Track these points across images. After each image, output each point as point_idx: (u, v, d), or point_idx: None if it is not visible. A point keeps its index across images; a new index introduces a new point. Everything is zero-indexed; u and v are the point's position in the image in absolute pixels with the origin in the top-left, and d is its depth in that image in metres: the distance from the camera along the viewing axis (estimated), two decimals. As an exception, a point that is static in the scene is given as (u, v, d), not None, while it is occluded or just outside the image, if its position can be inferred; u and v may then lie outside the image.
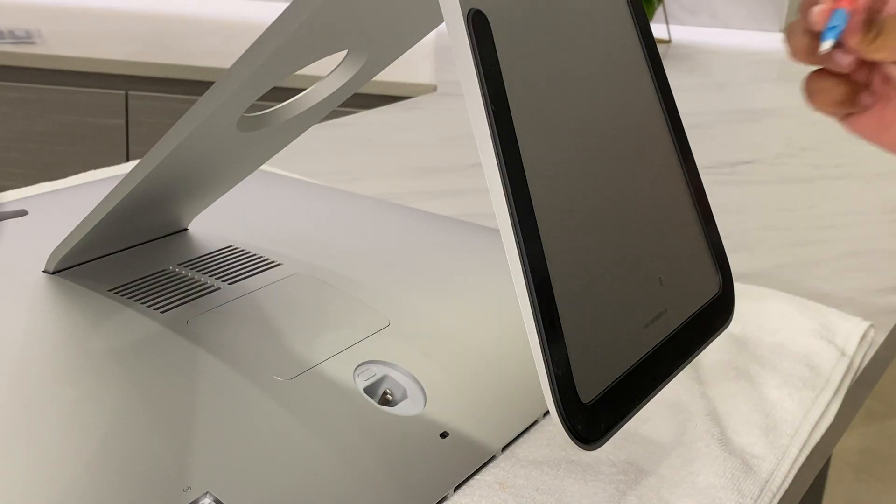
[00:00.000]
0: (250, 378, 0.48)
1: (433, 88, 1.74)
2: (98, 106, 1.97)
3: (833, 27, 0.50)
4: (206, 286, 0.57)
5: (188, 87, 1.93)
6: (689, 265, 0.50)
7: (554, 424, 0.45)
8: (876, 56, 0.51)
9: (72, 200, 0.70)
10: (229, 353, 0.50)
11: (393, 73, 1.28)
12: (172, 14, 2.44)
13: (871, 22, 0.50)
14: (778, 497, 0.50)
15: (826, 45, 0.50)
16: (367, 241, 0.69)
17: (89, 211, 0.53)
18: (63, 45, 2.04)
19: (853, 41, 0.50)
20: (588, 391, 0.39)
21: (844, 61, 0.53)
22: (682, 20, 2.56)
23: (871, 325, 0.67)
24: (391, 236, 0.71)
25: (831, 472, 1.38)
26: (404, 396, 0.50)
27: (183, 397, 0.46)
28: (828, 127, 0.65)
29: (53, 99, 1.96)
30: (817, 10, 0.51)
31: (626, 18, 0.48)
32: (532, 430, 0.52)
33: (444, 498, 0.46)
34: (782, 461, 0.52)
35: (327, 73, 0.52)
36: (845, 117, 0.56)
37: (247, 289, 0.57)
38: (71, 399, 0.45)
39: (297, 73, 0.48)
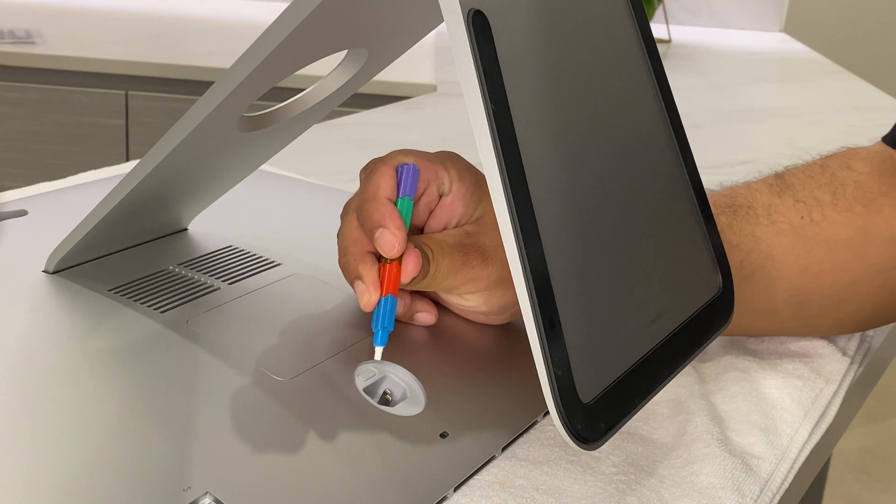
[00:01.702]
0: (250, 378, 0.48)
1: (433, 88, 1.74)
2: (98, 106, 1.97)
3: (384, 327, 0.48)
4: (206, 286, 0.57)
5: (188, 87, 1.93)
6: (689, 265, 0.50)
7: (554, 424, 0.45)
8: (430, 289, 0.53)
9: (72, 200, 0.70)
10: (229, 353, 0.50)
11: (393, 73, 1.28)
12: (172, 14, 2.44)
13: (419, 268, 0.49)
14: (778, 497, 0.50)
15: (378, 352, 0.49)
16: (367, 241, 0.69)
17: (89, 211, 0.53)
18: (63, 45, 2.04)
19: (408, 286, 0.50)
20: (588, 391, 0.39)
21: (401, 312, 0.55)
22: (682, 20, 2.56)
23: (871, 325, 0.67)
24: (391, 236, 0.71)
25: (831, 472, 1.38)
26: (404, 396, 0.50)
27: (183, 397, 0.46)
28: (828, 127, 0.65)
29: (53, 99, 1.96)
30: (365, 300, 0.49)
31: (626, 18, 0.48)
32: (532, 430, 0.52)
33: (444, 498, 0.46)
34: (782, 461, 0.52)
35: (327, 73, 0.52)
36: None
37: (247, 289, 0.57)
38: (71, 399, 0.45)
39: (297, 73, 0.48)
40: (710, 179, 0.57)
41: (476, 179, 0.54)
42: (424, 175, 0.52)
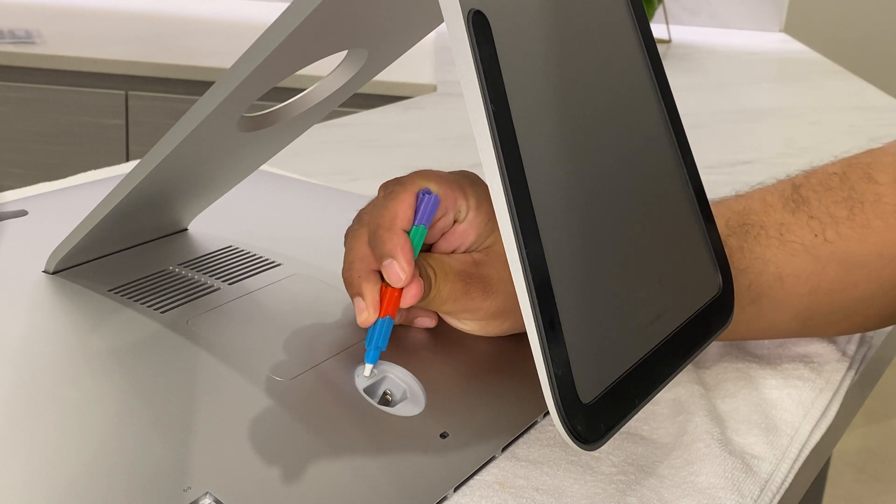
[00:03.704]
0: (250, 378, 0.48)
1: (433, 88, 1.74)
2: (98, 106, 1.97)
3: (377, 347, 0.49)
4: (206, 286, 0.57)
5: (188, 87, 1.93)
6: (689, 265, 0.50)
7: (554, 424, 0.45)
8: (427, 308, 0.53)
9: (72, 200, 0.70)
10: (229, 353, 0.50)
11: (393, 73, 1.28)
12: (172, 14, 2.44)
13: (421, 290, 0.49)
14: (778, 497, 0.50)
15: (367, 368, 0.49)
16: (367, 241, 0.69)
17: (89, 211, 0.53)
18: (63, 45, 2.04)
19: (414, 303, 0.50)
20: (588, 391, 0.39)
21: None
22: (682, 20, 2.56)
23: (871, 325, 0.67)
24: (391, 236, 0.71)
25: (831, 472, 1.38)
26: (404, 396, 0.50)
27: (183, 397, 0.46)
28: (828, 127, 0.65)
29: (53, 99, 1.96)
30: (363, 318, 0.49)
31: (626, 19, 0.48)
32: (532, 431, 0.52)
33: (444, 498, 0.46)
34: (782, 461, 0.52)
35: (327, 73, 0.52)
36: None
37: (247, 289, 0.57)
38: (71, 399, 0.45)
39: (297, 73, 0.48)
40: (710, 179, 0.57)
41: (493, 208, 0.54)
42: (443, 203, 0.51)
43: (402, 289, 0.49)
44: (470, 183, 0.54)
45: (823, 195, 0.59)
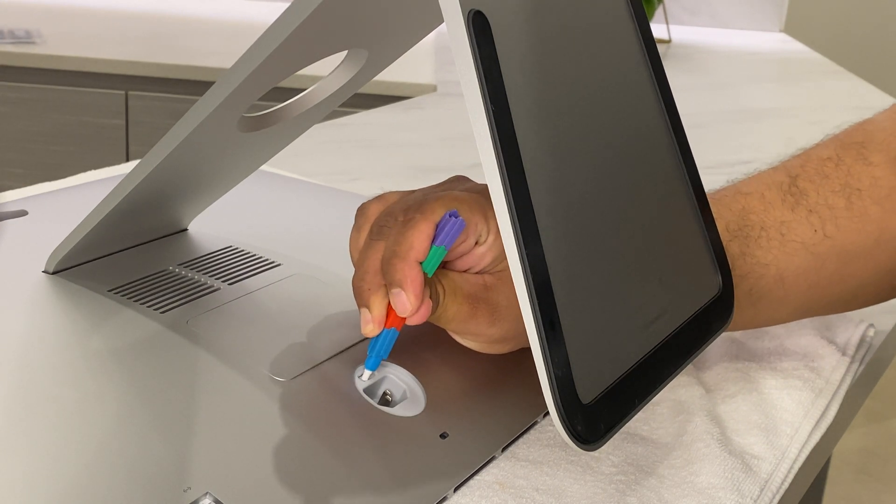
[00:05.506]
0: (250, 378, 0.48)
1: (433, 88, 1.74)
2: (98, 106, 1.97)
3: (378, 355, 0.49)
4: (206, 286, 0.57)
5: (188, 87, 1.93)
6: (689, 265, 0.50)
7: (554, 425, 0.45)
8: (437, 324, 0.52)
9: (72, 200, 0.70)
10: (229, 353, 0.50)
11: (393, 73, 1.28)
12: (172, 14, 2.45)
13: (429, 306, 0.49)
14: (778, 497, 0.50)
15: (366, 374, 0.49)
16: (367, 241, 0.69)
17: (89, 211, 0.53)
18: (63, 45, 2.04)
19: (419, 323, 0.49)
20: (588, 391, 0.39)
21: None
22: (682, 20, 2.56)
23: (871, 325, 0.67)
24: (391, 236, 0.71)
25: (831, 472, 1.38)
26: (404, 397, 0.50)
27: (183, 397, 0.46)
28: (828, 127, 0.65)
29: (53, 99, 1.96)
30: (368, 330, 0.49)
31: (626, 19, 0.48)
32: (532, 431, 0.52)
33: (444, 498, 0.46)
34: (782, 461, 0.52)
35: (327, 73, 0.52)
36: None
37: (247, 289, 0.57)
38: (71, 399, 0.45)
39: (298, 73, 0.48)
40: (710, 179, 0.57)
41: None
42: (466, 228, 0.50)
43: None
44: (491, 205, 0.53)
45: (821, 185, 0.59)
